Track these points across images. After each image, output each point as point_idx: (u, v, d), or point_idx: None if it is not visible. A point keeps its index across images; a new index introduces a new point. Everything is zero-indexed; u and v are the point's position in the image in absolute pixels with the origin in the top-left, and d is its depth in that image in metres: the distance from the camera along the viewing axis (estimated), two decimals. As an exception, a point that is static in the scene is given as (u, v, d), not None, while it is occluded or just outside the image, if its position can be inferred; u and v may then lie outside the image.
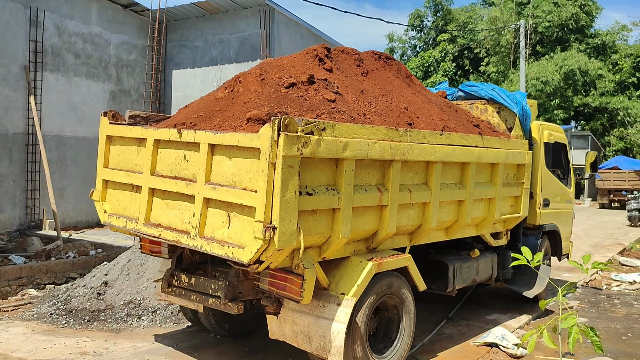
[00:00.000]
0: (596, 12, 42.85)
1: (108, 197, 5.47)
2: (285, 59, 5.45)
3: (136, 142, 5.17)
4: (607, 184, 28.56)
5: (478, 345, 6.05)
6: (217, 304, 4.88)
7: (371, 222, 4.85)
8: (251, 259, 4.02)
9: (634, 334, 6.77)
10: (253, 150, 4.05)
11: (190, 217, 4.52)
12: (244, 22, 13.57)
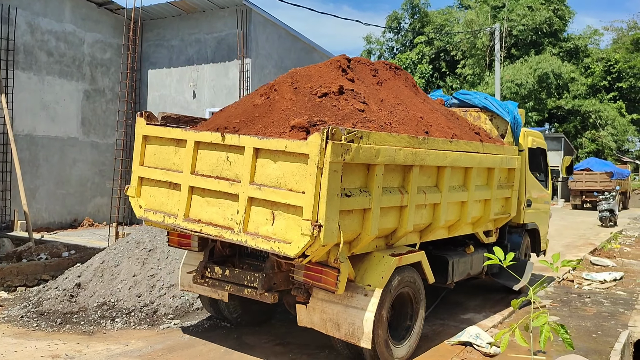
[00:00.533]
0: (569, 16, 43.69)
1: (143, 194, 5.72)
2: (312, 69, 5.83)
3: (174, 142, 5.47)
4: (580, 185, 29.11)
5: (453, 344, 6.11)
6: (253, 294, 5.28)
7: (393, 221, 5.38)
8: (297, 253, 4.44)
9: (604, 332, 6.91)
10: (301, 155, 4.48)
11: (233, 214, 4.89)
12: (220, 22, 13.49)
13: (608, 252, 14.02)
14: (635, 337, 6.80)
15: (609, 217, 20.49)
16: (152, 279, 7.25)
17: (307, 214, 4.37)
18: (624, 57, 47.07)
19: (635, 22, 56.18)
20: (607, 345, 6.33)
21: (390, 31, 49.75)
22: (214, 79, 13.53)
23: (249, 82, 12.81)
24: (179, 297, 7.09)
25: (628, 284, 9.99)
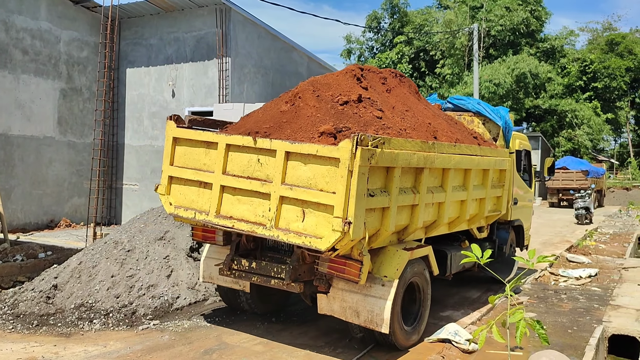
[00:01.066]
0: (546, 17, 44.31)
1: (173, 191, 6.09)
2: (330, 77, 6.34)
3: (205, 144, 5.86)
4: (556, 184, 29.53)
5: (432, 341, 6.17)
6: (280, 284, 5.78)
7: (406, 218, 5.89)
8: (328, 247, 4.92)
9: (579, 327, 7.04)
10: (331, 159, 4.96)
11: (264, 212, 5.34)
12: (199, 21, 13.40)
13: (584, 249, 14.26)
14: (609, 332, 6.93)
15: (585, 214, 20.83)
16: (130, 280, 7.19)
17: (338, 212, 4.86)
18: (598, 58, 47.93)
19: (610, 23, 57.27)
20: (582, 340, 6.45)
21: (370, 31, 49.91)
22: (193, 78, 13.44)
23: (228, 81, 12.76)
24: (158, 297, 7.04)
25: (602, 280, 10.18)
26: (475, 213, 7.32)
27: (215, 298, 7.45)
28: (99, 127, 13.31)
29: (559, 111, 42.07)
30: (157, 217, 8.47)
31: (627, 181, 45.28)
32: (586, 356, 5.74)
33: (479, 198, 7.31)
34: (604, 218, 24.27)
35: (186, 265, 7.60)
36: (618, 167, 51.56)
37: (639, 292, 8.94)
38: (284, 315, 7.13)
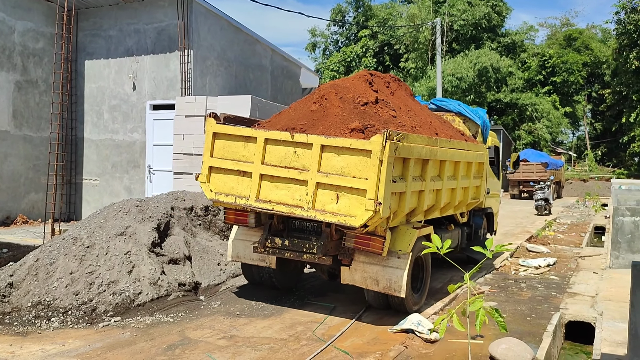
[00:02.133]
0: (506, 12, 45.08)
1: (212, 180, 6.85)
2: (347, 81, 7.33)
3: (243, 139, 6.66)
4: (517, 176, 30.18)
5: (395, 331, 6.22)
6: (312, 258, 6.63)
7: (415, 202, 6.85)
8: (361, 224, 5.91)
9: (538, 315, 7.22)
10: (364, 151, 5.90)
11: (302, 196, 6.22)
12: (161, 12, 13.14)
13: (543, 239, 14.64)
14: (566, 318, 7.14)
15: (544, 205, 21.38)
16: (90, 276, 7.03)
17: (371, 194, 5.82)
18: (557, 53, 49.12)
19: (568, 19, 58.76)
20: (540, 327, 6.61)
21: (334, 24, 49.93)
22: (155, 70, 13.18)
23: (190, 73, 12.56)
24: (119, 293, 6.91)
25: (560, 269, 10.47)
26: (460, 200, 8.33)
27: (178, 293, 7.35)
28: (56, 121, 12.94)
29: (520, 105, 42.98)
30: (118, 212, 8.29)
31: (584, 173, 46.65)
32: (544, 342, 5.90)
33: (464, 187, 8.34)
34: (562, 209, 24.96)
35: (148, 261, 7.47)
36: (576, 159, 53.05)
37: (594, 279, 9.23)
38: (248, 310, 7.09)
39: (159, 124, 12.79)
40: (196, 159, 11.06)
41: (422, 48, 42.10)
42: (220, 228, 9.23)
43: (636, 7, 41.26)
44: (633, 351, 3.37)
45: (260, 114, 11.07)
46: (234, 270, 8.55)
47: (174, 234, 8.36)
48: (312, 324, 6.50)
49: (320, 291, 8.14)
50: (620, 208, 9.88)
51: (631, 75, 41.76)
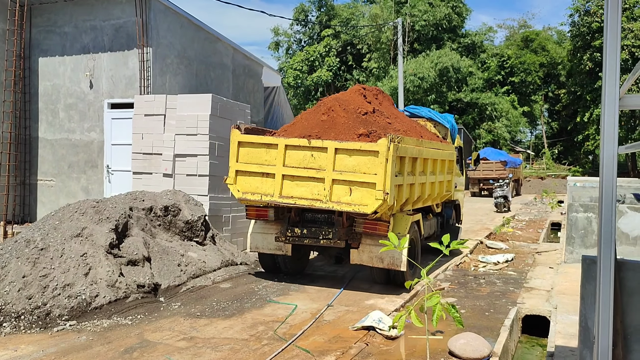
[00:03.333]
0: (466, 13, 45.92)
1: (239, 181, 8.02)
2: (346, 95, 8.81)
3: (265, 146, 7.88)
4: (477, 174, 30.75)
5: (356, 329, 6.24)
6: (328, 243, 7.98)
7: (408, 193, 8.13)
8: (372, 210, 7.28)
9: (496, 310, 7.37)
10: (372, 152, 7.25)
11: (320, 191, 7.52)
12: (118, 9, 12.84)
13: (502, 235, 14.96)
14: (523, 313, 7.31)
15: (503, 203, 21.85)
16: (44, 280, 6.81)
17: (380, 186, 7.18)
18: (515, 54, 50.28)
19: (525, 21, 60.22)
20: (498, 322, 6.75)
21: (297, 23, 49.85)
22: (113, 68, 12.88)
23: (150, 72, 12.33)
24: (75, 297, 6.72)
25: (518, 265, 10.71)
26: (437, 192, 9.63)
27: (137, 295, 7.20)
28: (9, 120, 12.53)
29: (480, 104, 43.82)
30: (74, 213, 8.07)
31: (541, 171, 47.89)
32: (501, 336, 6.02)
33: (440, 181, 9.69)
34: (520, 206, 25.56)
35: (105, 262, 7.30)
36: (533, 157, 54.42)
37: (550, 274, 9.48)
38: (209, 311, 7.01)
39: (117, 123, 12.51)
40: (156, 158, 10.87)
41: (384, 48, 42.48)
42: (180, 228, 9.09)
43: (589, 10, 42.60)
44: (583, 343, 3.47)
45: (221, 112, 10.96)
46: (195, 270, 8.44)
47: (133, 235, 8.19)
48: (274, 323, 6.47)
49: (282, 291, 8.11)
50: (574, 204, 10.17)
51: (585, 76, 43.09)
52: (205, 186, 10.40)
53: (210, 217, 10.13)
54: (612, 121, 3.20)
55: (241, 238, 11.34)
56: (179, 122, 10.72)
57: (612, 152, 3.21)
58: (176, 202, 9.24)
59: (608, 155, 3.21)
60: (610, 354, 3.23)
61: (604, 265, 3.26)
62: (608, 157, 3.22)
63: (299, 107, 46.71)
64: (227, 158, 10.95)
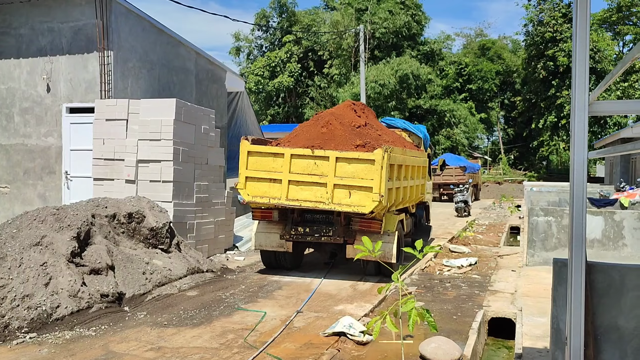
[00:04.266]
0: (425, 21, 46.70)
1: (248, 186, 8.98)
2: (340, 110, 10.09)
3: (272, 155, 8.85)
4: (438, 179, 31.15)
5: (327, 335, 6.22)
6: (329, 239, 9.12)
7: (395, 196, 9.14)
8: (369, 211, 8.35)
9: (463, 313, 7.47)
10: (368, 160, 8.33)
11: (322, 194, 8.52)
12: (77, 11, 12.50)
13: (464, 239, 15.22)
14: (489, 315, 7.44)
15: (464, 207, 22.24)
16: (2, 291, 6.53)
17: (376, 190, 8.28)
18: (472, 61, 51.46)
19: (481, 29, 61.88)
20: (465, 325, 6.84)
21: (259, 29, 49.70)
22: (71, 72, 12.52)
23: (111, 75, 12.04)
24: (35, 308, 6.47)
25: (481, 268, 10.91)
26: (415, 195, 10.78)
27: (100, 305, 6.99)
28: (-39, 124, 12.00)
29: (439, 111, 44.60)
30: (32, 221, 7.77)
31: (499, 176, 49.08)
32: (470, 339, 6.11)
33: (417, 185, 10.91)
34: (480, 210, 26.09)
35: (67, 272, 7.05)
36: (491, 163, 55.72)
37: (513, 277, 9.69)
38: (176, 320, 6.86)
39: (76, 128, 12.16)
40: (118, 164, 10.61)
41: (345, 55, 42.79)
42: (144, 236, 8.88)
43: (542, 20, 44.03)
44: (555, 344, 3.54)
45: (185, 117, 10.79)
46: (160, 278, 8.26)
47: (96, 243, 7.95)
48: (244, 331, 6.38)
49: (250, 298, 8.02)
50: (535, 209, 10.44)
51: (539, 83, 44.47)
52: (169, 192, 10.20)
53: (175, 223, 9.94)
54: (582, 127, 3.29)
55: (206, 245, 11.18)
56: (142, 127, 10.50)
57: (582, 157, 3.30)
58: (140, 208, 9.03)
59: (578, 160, 3.30)
60: (582, 354, 3.32)
61: (575, 268, 3.34)
62: (578, 162, 3.31)
63: (260, 112, 46.53)
64: (192, 163, 10.86)
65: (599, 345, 3.43)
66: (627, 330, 3.35)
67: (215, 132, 12.05)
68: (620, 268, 3.41)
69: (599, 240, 9.79)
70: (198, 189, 10.98)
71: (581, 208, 3.28)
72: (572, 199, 3.27)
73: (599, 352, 3.43)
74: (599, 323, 3.43)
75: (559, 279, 3.62)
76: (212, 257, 11.14)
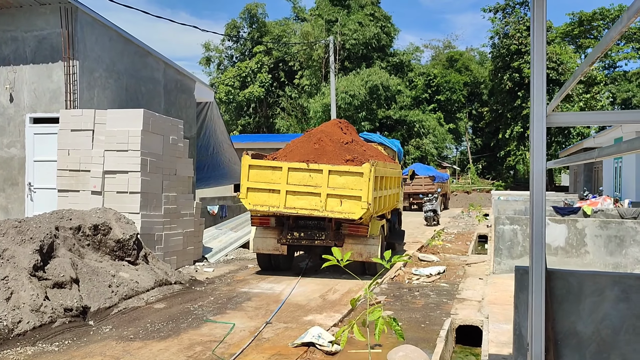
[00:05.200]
0: (394, 33, 47.33)
1: (249, 196, 9.97)
2: (328, 127, 11.37)
3: (271, 168, 9.88)
4: (407, 189, 31.45)
5: (296, 346, 6.20)
6: (322, 242, 10.18)
7: (379, 204, 10.35)
8: (358, 217, 9.49)
9: (431, 321, 7.55)
10: (357, 173, 9.45)
11: (317, 203, 9.62)
12: (41, 20, 12.29)
13: (433, 248, 15.37)
14: (456, 323, 7.52)
15: (433, 216, 22.48)
16: (-40, 306, 6.34)
17: (364, 199, 9.44)
18: (441, 73, 52.27)
19: (449, 41, 62.84)
20: (433, 333, 6.91)
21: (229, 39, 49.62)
22: (35, 81, 12.28)
23: (76, 85, 11.85)
24: (-4, 323, 6.29)
25: (450, 277, 11.03)
26: (391, 203, 12.04)
27: (64, 319, 6.84)
28: None
29: (408, 121, 45.11)
30: (-7, 234, 7.57)
31: (467, 185, 49.78)
32: (437, 347, 6.16)
33: (393, 194, 12.11)
34: (449, 219, 26.40)
35: (29, 286, 6.88)
36: (459, 172, 56.51)
37: (480, 285, 9.83)
38: (143, 333, 6.75)
39: (40, 139, 11.91)
40: (83, 175, 10.43)
41: (316, 65, 43.01)
42: (111, 248, 8.73)
43: (508, 33, 45.07)
44: (518, 350, 3.61)
45: (153, 128, 10.69)
46: (127, 291, 8.12)
47: (59, 256, 7.78)
48: (212, 343, 6.32)
49: (219, 310, 7.95)
50: (501, 217, 10.63)
51: (505, 95, 45.42)
52: (137, 203, 10.06)
53: (143, 235, 9.80)
54: (541, 137, 3.38)
55: (175, 257, 11.04)
56: (108, 137, 10.35)
57: (541, 167, 3.39)
58: (106, 220, 8.89)
59: (537, 170, 3.39)
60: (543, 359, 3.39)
61: (535, 275, 3.42)
62: (537, 171, 3.39)
63: (231, 122, 46.33)
64: (160, 174, 10.76)
65: (559, 350, 3.51)
66: (585, 335, 3.43)
67: (184, 143, 11.96)
68: (578, 275, 3.50)
69: (563, 248, 10.01)
70: (166, 200, 10.87)
71: (541, 216, 3.37)
72: (532, 207, 3.35)
73: (559, 357, 3.51)
74: (559, 329, 3.51)
75: (520, 286, 3.69)
76: (181, 268, 11.00)
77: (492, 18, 47.73)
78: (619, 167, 21.61)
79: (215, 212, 15.68)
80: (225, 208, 16.41)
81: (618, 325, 3.35)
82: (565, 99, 41.06)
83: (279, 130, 44.91)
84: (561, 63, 41.98)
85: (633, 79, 50.67)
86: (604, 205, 15.12)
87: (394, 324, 4.18)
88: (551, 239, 9.95)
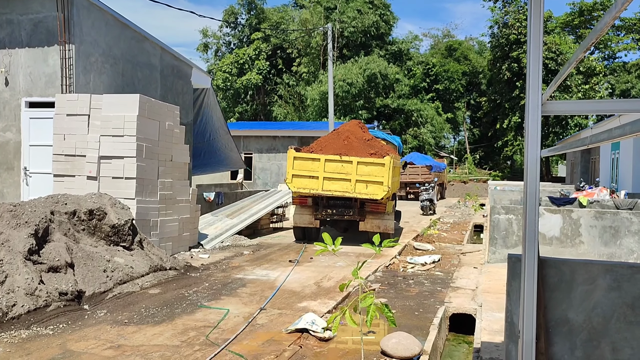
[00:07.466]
0: (393, 21, 47.07)
1: (294, 181, 12.64)
2: (351, 127, 14.07)
3: (311, 159, 12.57)
4: (404, 178, 31.50)
5: (290, 332, 6.23)
6: (351, 217, 12.87)
7: (393, 189, 12.82)
8: (380, 197, 12.26)
9: (425, 309, 7.58)
10: (380, 164, 12.22)
11: (348, 187, 12.33)
12: (37, 3, 12.18)
13: (428, 237, 15.42)
14: (450, 311, 7.56)
15: (429, 206, 22.53)
16: (-46, 289, 6.34)
17: (385, 183, 12.11)
18: (439, 62, 52.09)
19: (449, 30, 62.70)
20: (427, 321, 6.94)
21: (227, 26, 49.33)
22: (31, 65, 12.20)
23: (72, 70, 11.78)
24: (-10, 307, 6.30)
25: (444, 265, 11.07)
26: (396, 188, 14.44)
27: (59, 303, 6.85)
28: None
29: (406, 110, 45.03)
30: (-12, 218, 7.56)
31: (464, 175, 49.83)
32: (430, 335, 6.20)
33: (397, 181, 14.30)
34: (445, 209, 26.45)
35: (24, 270, 6.89)
36: (457, 162, 56.56)
37: (475, 274, 9.87)
38: (137, 318, 6.77)
39: (36, 123, 11.86)
40: (79, 160, 10.40)
41: (314, 53, 42.80)
42: (106, 233, 8.73)
43: (507, 22, 44.87)
44: (509, 337, 3.63)
45: (149, 113, 10.64)
46: (121, 276, 8.13)
47: (54, 240, 7.78)
48: (206, 328, 6.34)
49: (213, 295, 7.97)
50: (496, 207, 10.65)
51: (504, 85, 45.33)
52: (132, 189, 10.05)
53: (138, 221, 9.80)
54: (536, 126, 3.37)
55: (170, 243, 11.05)
56: (104, 122, 10.31)
57: (535, 156, 3.38)
58: (101, 205, 8.87)
59: (532, 159, 3.39)
60: (534, 347, 3.41)
61: (528, 263, 3.43)
62: (532, 160, 3.39)
63: (228, 110, 46.19)
64: (155, 160, 10.75)
65: (550, 337, 3.53)
66: (576, 323, 3.45)
67: (180, 129, 11.92)
68: (570, 263, 3.51)
69: (557, 238, 10.04)
70: (162, 186, 10.85)
71: (534, 204, 3.37)
72: (526, 196, 3.35)
73: (550, 345, 3.53)
74: (550, 316, 3.52)
75: (513, 274, 3.70)
76: (176, 254, 11.02)
77: (491, 7, 47.51)
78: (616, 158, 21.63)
79: (211, 198, 15.67)
80: (221, 195, 16.40)
81: (609, 314, 3.36)
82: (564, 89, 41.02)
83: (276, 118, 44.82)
84: (560, 53, 41.87)
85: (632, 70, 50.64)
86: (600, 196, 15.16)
87: (385, 311, 4.20)
88: (546, 229, 9.98)
